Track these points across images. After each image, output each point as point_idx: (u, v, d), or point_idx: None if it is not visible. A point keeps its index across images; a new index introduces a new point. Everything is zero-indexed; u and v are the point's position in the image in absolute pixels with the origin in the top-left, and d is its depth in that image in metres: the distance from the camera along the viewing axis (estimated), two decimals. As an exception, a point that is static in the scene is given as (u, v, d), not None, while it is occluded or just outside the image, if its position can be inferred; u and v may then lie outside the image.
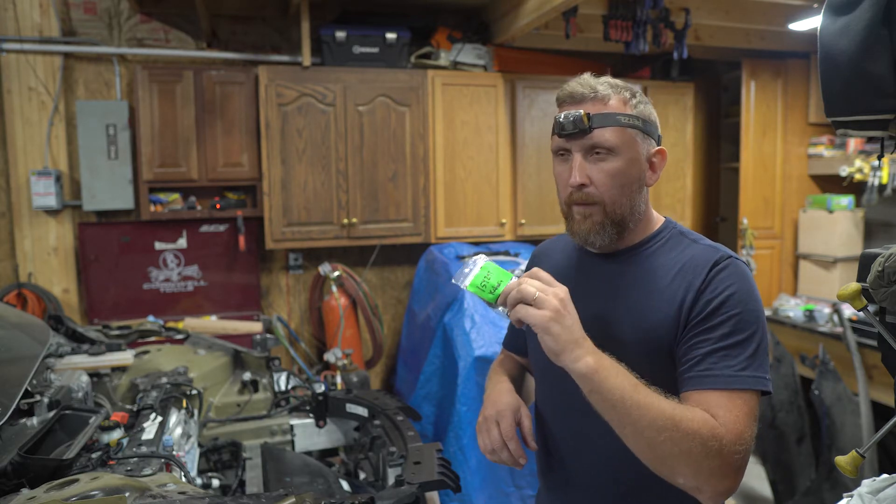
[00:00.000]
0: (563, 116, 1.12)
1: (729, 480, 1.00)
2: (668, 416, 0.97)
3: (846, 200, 4.03)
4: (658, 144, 1.20)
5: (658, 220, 1.23)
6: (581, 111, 1.11)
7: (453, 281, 1.07)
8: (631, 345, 1.11)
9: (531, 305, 0.98)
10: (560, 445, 1.26)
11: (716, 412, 1.01)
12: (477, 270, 1.04)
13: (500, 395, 1.27)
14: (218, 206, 3.62)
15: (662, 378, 1.06)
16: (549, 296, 0.98)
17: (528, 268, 1.10)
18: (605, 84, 1.14)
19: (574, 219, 1.16)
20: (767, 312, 3.99)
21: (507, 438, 1.17)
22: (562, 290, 1.00)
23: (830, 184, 4.21)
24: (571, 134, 1.12)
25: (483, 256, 1.07)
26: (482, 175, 3.81)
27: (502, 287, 1.02)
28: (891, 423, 0.91)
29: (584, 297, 1.12)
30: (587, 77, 1.16)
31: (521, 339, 1.40)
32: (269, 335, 2.45)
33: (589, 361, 0.98)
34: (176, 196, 3.57)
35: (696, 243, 1.17)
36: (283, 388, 2.14)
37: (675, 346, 1.10)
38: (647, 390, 0.99)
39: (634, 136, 1.14)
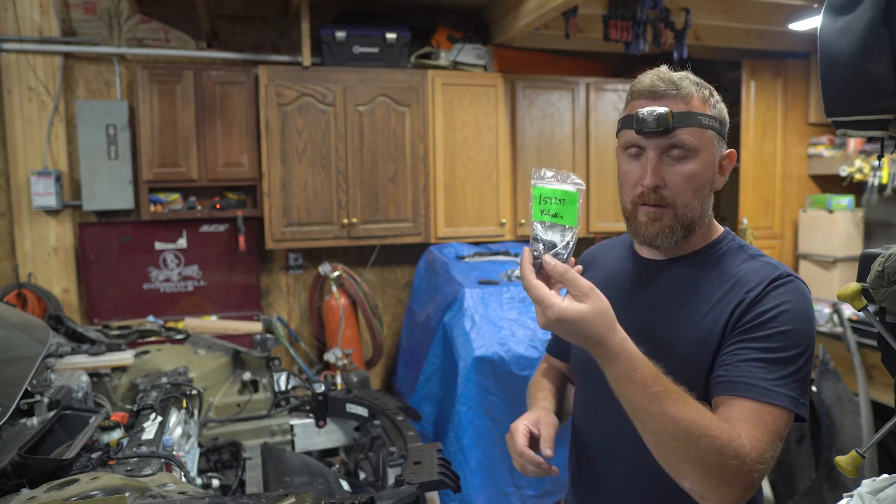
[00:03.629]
0: (645, 112, 1.04)
1: (737, 494, 0.94)
2: (692, 420, 0.91)
3: (846, 200, 4.03)
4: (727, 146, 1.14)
5: (718, 229, 1.17)
6: (665, 108, 1.04)
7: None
8: (679, 353, 1.06)
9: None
10: (592, 455, 1.22)
11: (742, 424, 0.95)
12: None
13: (529, 410, 1.25)
14: (218, 206, 3.62)
15: (707, 390, 1.03)
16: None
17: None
18: (686, 80, 1.10)
19: (640, 220, 1.10)
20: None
21: (517, 452, 1.14)
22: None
23: (830, 184, 4.21)
24: (651, 132, 1.04)
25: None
26: (482, 175, 3.81)
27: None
28: (891, 423, 0.91)
29: (634, 304, 1.11)
30: (666, 71, 1.11)
31: (563, 344, 1.35)
32: (269, 335, 2.45)
33: (624, 344, 0.93)
34: (176, 196, 3.57)
35: (755, 259, 1.11)
36: (283, 388, 2.14)
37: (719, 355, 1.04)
38: (675, 388, 0.93)
39: (712, 138, 1.08)
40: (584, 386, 1.26)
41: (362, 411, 1.92)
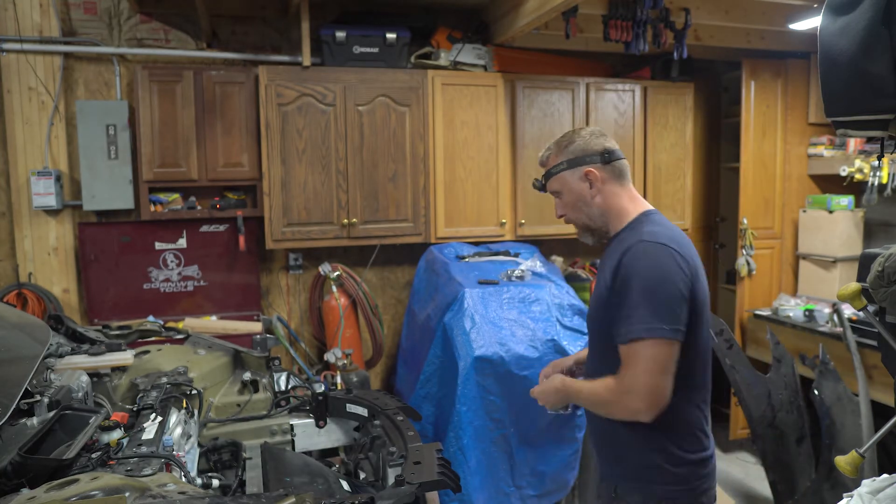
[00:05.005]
0: (534, 180, 1.77)
1: (637, 406, 1.46)
2: (589, 393, 1.59)
3: (846, 200, 4.03)
4: (592, 163, 1.66)
5: (633, 214, 1.65)
6: (539, 178, 1.75)
7: None
8: (593, 308, 1.67)
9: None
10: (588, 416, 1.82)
11: (623, 366, 1.49)
12: None
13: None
14: (218, 206, 3.62)
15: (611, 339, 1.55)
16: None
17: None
18: (548, 149, 1.71)
19: None
20: (766, 312, 3.99)
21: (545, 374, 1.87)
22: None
23: (830, 184, 4.21)
24: (541, 190, 1.75)
25: None
26: (482, 175, 3.81)
27: None
28: (891, 423, 0.91)
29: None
30: (547, 147, 1.73)
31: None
32: (269, 335, 2.46)
33: (557, 384, 1.69)
34: (176, 196, 3.57)
35: (635, 231, 1.58)
36: (283, 388, 2.14)
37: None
38: (583, 383, 1.64)
39: (565, 175, 1.67)
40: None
41: (362, 411, 1.92)
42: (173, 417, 1.63)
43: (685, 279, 1.48)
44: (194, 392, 1.84)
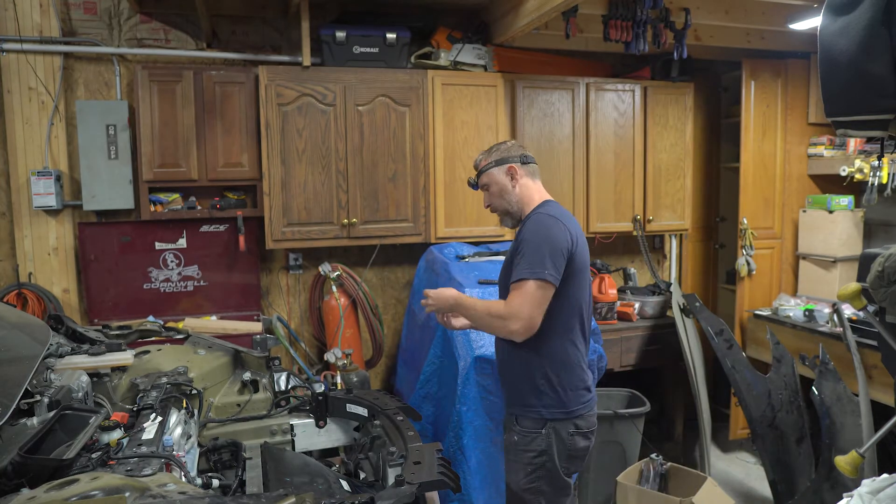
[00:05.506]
0: (470, 178, 2.30)
1: (514, 328, 1.95)
2: (481, 308, 2.04)
3: (846, 200, 4.03)
4: (513, 162, 2.17)
5: (538, 202, 2.16)
6: (473, 177, 2.27)
7: None
8: (502, 272, 2.17)
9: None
10: None
11: (509, 298, 1.97)
12: None
13: None
14: (218, 206, 3.62)
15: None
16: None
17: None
18: (479, 155, 2.24)
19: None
20: (766, 312, 3.99)
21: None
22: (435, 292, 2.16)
23: (830, 184, 4.21)
24: (475, 186, 2.27)
25: None
26: (482, 175, 3.81)
27: None
28: (891, 423, 0.91)
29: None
30: (479, 154, 2.25)
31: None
32: (269, 335, 2.46)
33: (454, 294, 2.11)
34: (176, 196, 3.57)
35: (536, 211, 2.11)
36: (283, 388, 2.14)
37: None
38: (476, 300, 2.11)
39: (492, 172, 2.18)
40: None
41: (362, 411, 1.92)
42: (173, 417, 1.63)
43: (566, 240, 2.00)
44: (194, 392, 1.84)
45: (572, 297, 2.05)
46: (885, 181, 3.55)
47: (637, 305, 4.04)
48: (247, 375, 2.15)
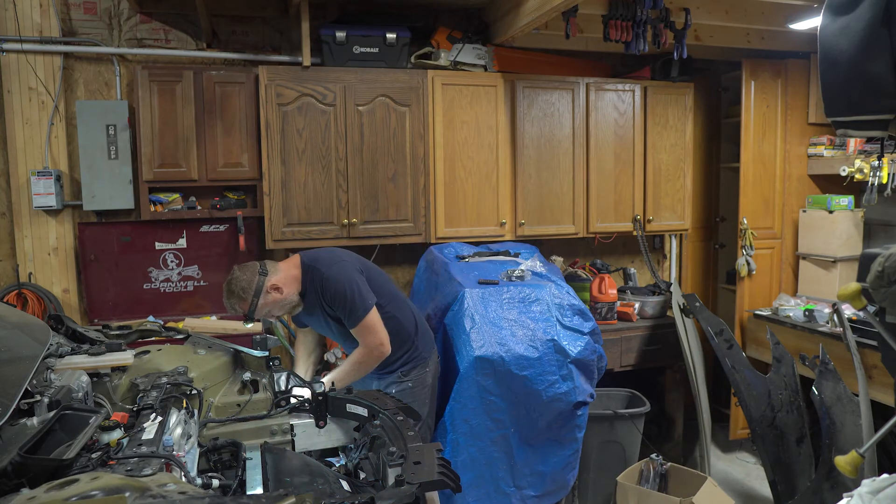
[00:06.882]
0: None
1: (383, 351, 2.54)
2: (350, 369, 2.51)
3: (846, 200, 4.03)
4: (265, 279, 2.43)
5: (300, 272, 2.53)
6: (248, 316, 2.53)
7: None
8: (325, 328, 2.71)
9: None
10: None
11: (361, 337, 2.51)
12: None
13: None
14: (218, 206, 3.62)
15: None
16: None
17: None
18: (231, 306, 2.49)
19: None
20: (766, 312, 3.99)
21: None
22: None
23: (830, 184, 4.21)
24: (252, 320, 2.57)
25: None
26: (482, 175, 3.81)
27: None
28: (891, 423, 0.91)
29: None
30: (229, 305, 2.50)
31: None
32: (269, 335, 2.44)
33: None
34: (176, 196, 3.57)
35: (312, 277, 2.52)
36: (283, 388, 2.14)
37: None
38: (340, 369, 2.51)
39: (260, 304, 2.45)
40: None
41: (362, 411, 1.92)
42: (173, 417, 1.63)
43: (355, 269, 2.53)
44: (194, 392, 1.84)
45: (383, 297, 2.63)
46: (885, 181, 3.55)
47: (637, 305, 4.04)
48: (247, 375, 2.14)
